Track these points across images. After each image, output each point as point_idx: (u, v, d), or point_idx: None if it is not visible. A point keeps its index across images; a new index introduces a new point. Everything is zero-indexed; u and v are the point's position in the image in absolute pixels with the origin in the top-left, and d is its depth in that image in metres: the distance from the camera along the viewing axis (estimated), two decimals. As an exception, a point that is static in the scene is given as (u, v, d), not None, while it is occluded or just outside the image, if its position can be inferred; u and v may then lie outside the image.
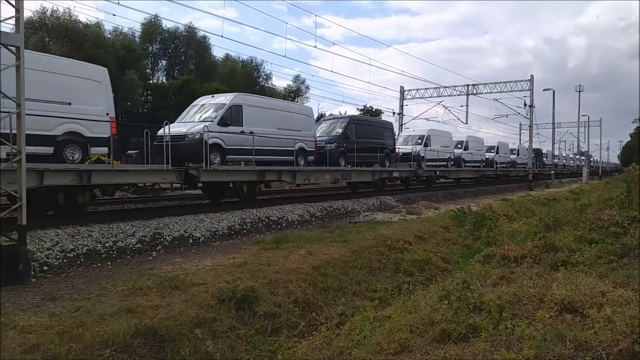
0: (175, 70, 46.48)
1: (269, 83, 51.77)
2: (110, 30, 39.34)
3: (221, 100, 15.14)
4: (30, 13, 34.05)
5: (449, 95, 36.86)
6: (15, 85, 7.39)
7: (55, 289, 6.75)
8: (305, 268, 7.88)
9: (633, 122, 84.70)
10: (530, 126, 36.51)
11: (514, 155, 43.13)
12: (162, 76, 46.64)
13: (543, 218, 11.23)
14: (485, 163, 35.87)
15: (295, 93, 54.17)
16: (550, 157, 52.07)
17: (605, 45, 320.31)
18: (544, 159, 50.49)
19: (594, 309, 4.40)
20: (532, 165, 37.40)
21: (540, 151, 50.58)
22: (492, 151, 38.45)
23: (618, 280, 5.54)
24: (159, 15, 50.26)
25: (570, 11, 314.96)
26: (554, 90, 48.35)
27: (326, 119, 23.66)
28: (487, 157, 36.84)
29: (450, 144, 31.12)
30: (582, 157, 66.15)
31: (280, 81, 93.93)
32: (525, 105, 35.52)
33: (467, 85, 36.41)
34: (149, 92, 40.80)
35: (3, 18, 7.24)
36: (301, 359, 4.99)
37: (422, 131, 29.35)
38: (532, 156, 38.02)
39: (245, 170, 14.85)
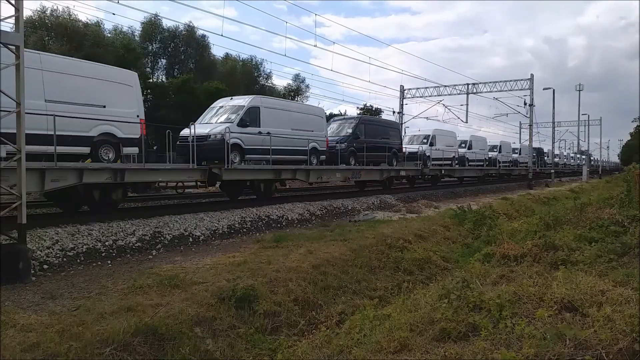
0: (175, 69, 46.48)
1: (269, 82, 51.79)
2: (110, 29, 39.40)
3: (240, 102, 15.71)
4: (30, 12, 34.06)
5: (449, 94, 36.79)
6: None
7: (55, 288, 6.76)
8: (305, 267, 7.87)
9: (633, 122, 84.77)
10: (530, 125, 36.50)
11: (516, 154, 43.30)
12: (162, 75, 46.68)
13: (543, 217, 11.22)
14: (488, 162, 36.15)
15: (295, 92, 54.13)
16: (551, 156, 52.15)
17: (605, 45, 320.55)
18: (545, 158, 50.56)
19: (594, 308, 4.40)
20: (534, 164, 37.45)
21: (541, 150, 50.89)
22: (495, 150, 38.72)
23: (618, 279, 5.54)
24: (159, 14, 50.18)
25: (570, 11, 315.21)
26: (554, 89, 48.40)
27: (336, 119, 24.02)
28: (490, 156, 37.16)
29: (454, 144, 31.37)
30: (583, 156, 66.20)
31: (280, 80, 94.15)
32: (525, 104, 35.50)
33: (467, 84, 36.37)
34: (149, 91, 40.76)
35: (3, 17, 7.24)
36: (301, 358, 4.99)
37: (428, 131, 29.60)
38: (534, 155, 38.07)
39: (262, 169, 15.35)
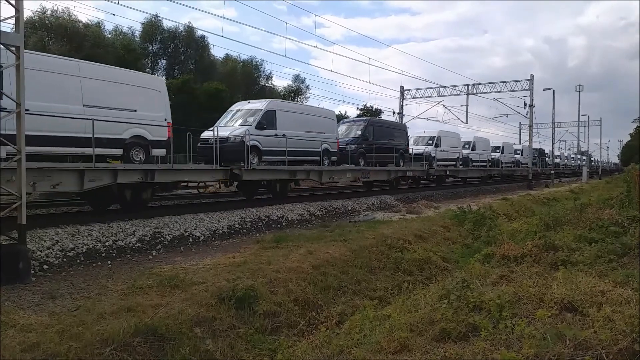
0: (175, 69, 46.54)
1: (270, 83, 51.82)
2: (110, 30, 39.42)
3: (257, 106, 16.46)
4: (30, 13, 34.07)
5: (449, 94, 36.82)
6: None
7: (55, 288, 6.76)
8: (305, 267, 7.87)
9: (633, 122, 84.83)
10: (530, 126, 36.52)
11: (518, 155, 43.59)
12: (162, 75, 46.63)
13: (543, 217, 11.21)
14: (491, 163, 36.63)
15: (295, 92, 54.15)
16: (551, 157, 52.30)
17: (605, 45, 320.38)
18: (547, 159, 50.72)
19: (594, 308, 4.40)
20: (535, 164, 37.62)
21: (543, 151, 51.40)
22: (498, 151, 39.16)
23: (618, 279, 5.53)
24: (159, 15, 50.19)
25: (570, 11, 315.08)
26: (554, 90, 48.45)
27: (344, 122, 24.59)
28: (493, 157, 37.61)
29: (458, 145, 31.81)
30: (584, 157, 66.29)
31: (280, 81, 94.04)
32: (525, 104, 35.50)
33: (467, 84, 36.38)
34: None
35: (3, 18, 7.24)
36: (301, 358, 4.99)
37: (433, 132, 30.17)
38: (536, 156, 38.24)
39: (279, 169, 15.91)
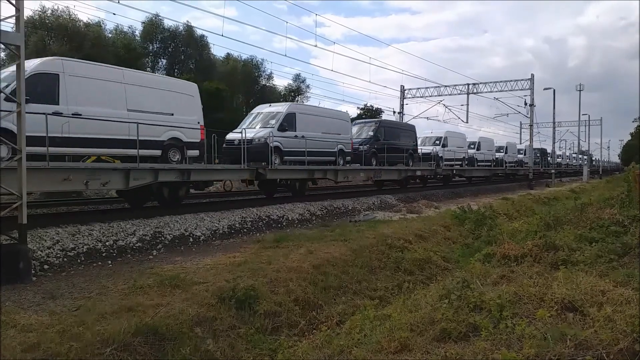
0: (175, 69, 46.40)
1: (270, 83, 51.73)
2: (110, 29, 39.37)
3: (278, 109, 17.42)
4: (30, 12, 34.04)
5: (450, 94, 36.84)
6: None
7: (55, 288, 6.76)
8: (305, 267, 7.87)
9: (633, 122, 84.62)
10: (530, 125, 36.55)
11: (521, 154, 43.96)
12: (163, 75, 46.57)
13: (543, 217, 11.20)
14: (495, 162, 37.26)
15: (295, 92, 54.09)
16: (552, 157, 52.41)
17: (605, 45, 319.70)
18: (549, 159, 50.88)
19: (595, 308, 4.40)
20: (537, 164, 37.92)
21: (545, 151, 51.90)
22: (502, 151, 39.87)
23: (618, 279, 5.54)
24: (159, 14, 50.08)
25: (570, 11, 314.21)
26: (555, 89, 48.42)
27: (356, 123, 25.09)
28: (497, 157, 38.30)
29: (464, 145, 32.37)
30: (585, 157, 66.39)
31: (280, 80, 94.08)
32: (525, 104, 35.50)
33: (468, 84, 36.40)
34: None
35: (3, 17, 7.24)
36: (301, 358, 4.99)
37: (440, 133, 30.87)
38: (538, 155, 38.57)
39: (299, 169, 16.80)
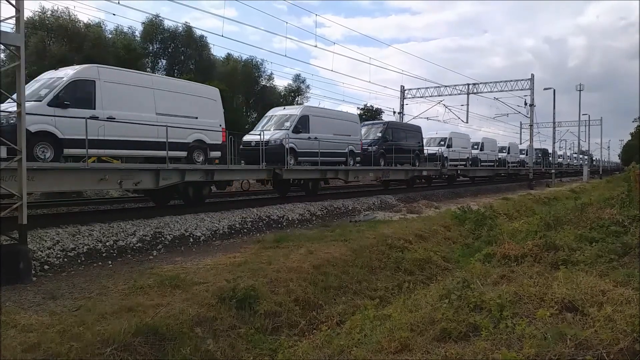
0: (175, 69, 46.40)
1: (270, 83, 51.71)
2: (110, 29, 39.37)
3: (292, 111, 18.01)
4: (30, 13, 34.04)
5: (450, 94, 36.83)
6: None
7: (55, 288, 6.76)
8: (305, 267, 7.87)
9: (633, 122, 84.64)
10: (530, 125, 36.53)
11: (523, 155, 44.19)
12: (163, 75, 46.56)
13: (544, 217, 11.20)
14: (498, 162, 37.68)
15: (295, 92, 54.10)
16: (553, 157, 52.52)
17: (605, 45, 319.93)
18: (550, 159, 50.98)
19: (595, 308, 4.40)
20: (539, 164, 38.11)
21: (546, 151, 52.26)
22: (504, 151, 40.32)
23: (618, 279, 5.54)
24: (159, 15, 50.07)
25: (570, 11, 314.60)
26: (555, 89, 48.44)
27: (364, 124, 25.42)
28: (500, 157, 38.72)
29: (468, 145, 32.84)
30: (585, 157, 66.49)
31: (280, 80, 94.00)
32: (525, 104, 35.49)
33: (468, 84, 36.39)
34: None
35: (3, 18, 7.24)
36: (302, 358, 4.98)
37: (445, 134, 31.38)
38: (539, 155, 38.80)
39: (312, 169, 17.40)
